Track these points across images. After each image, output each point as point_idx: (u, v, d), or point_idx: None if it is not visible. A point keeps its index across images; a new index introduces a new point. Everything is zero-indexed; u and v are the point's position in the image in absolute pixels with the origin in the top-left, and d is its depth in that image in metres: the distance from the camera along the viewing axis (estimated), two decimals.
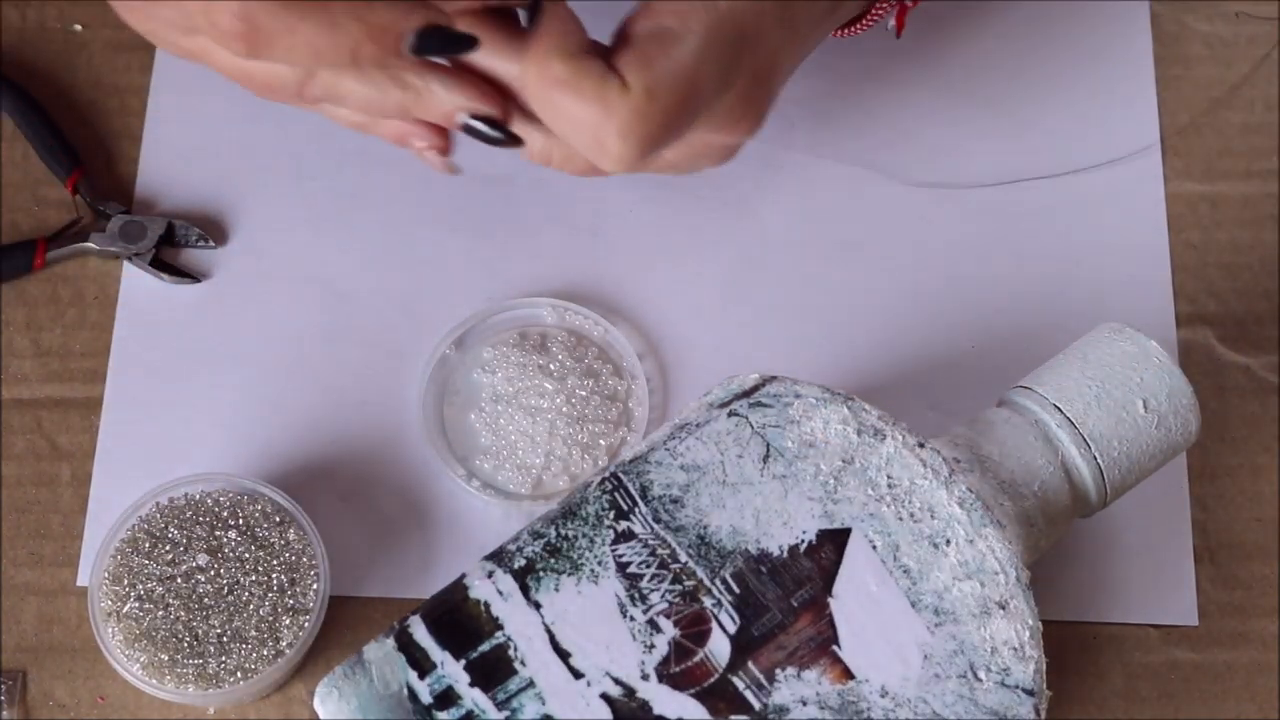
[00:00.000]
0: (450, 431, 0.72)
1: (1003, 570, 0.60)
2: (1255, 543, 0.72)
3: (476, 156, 0.77)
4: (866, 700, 0.58)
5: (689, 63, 0.60)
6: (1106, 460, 0.63)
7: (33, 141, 0.75)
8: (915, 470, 0.61)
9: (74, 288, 0.74)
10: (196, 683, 0.65)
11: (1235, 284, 0.76)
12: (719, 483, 0.61)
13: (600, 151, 0.60)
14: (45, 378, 0.73)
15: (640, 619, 0.59)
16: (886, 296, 0.75)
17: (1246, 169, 0.78)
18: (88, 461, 0.71)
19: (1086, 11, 0.81)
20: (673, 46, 0.60)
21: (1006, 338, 0.74)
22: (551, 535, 0.60)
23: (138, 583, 0.66)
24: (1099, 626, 0.70)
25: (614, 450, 0.72)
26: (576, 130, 0.60)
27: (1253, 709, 0.69)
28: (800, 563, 0.60)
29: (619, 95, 0.59)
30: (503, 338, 0.73)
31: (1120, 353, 0.64)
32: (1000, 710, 0.58)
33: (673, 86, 0.60)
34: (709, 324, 0.74)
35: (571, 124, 0.60)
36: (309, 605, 0.67)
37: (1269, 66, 0.80)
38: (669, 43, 0.60)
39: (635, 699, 0.58)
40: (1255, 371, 0.75)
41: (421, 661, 0.59)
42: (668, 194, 0.77)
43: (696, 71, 0.61)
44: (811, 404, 0.62)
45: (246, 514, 0.68)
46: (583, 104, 0.59)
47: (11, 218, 0.75)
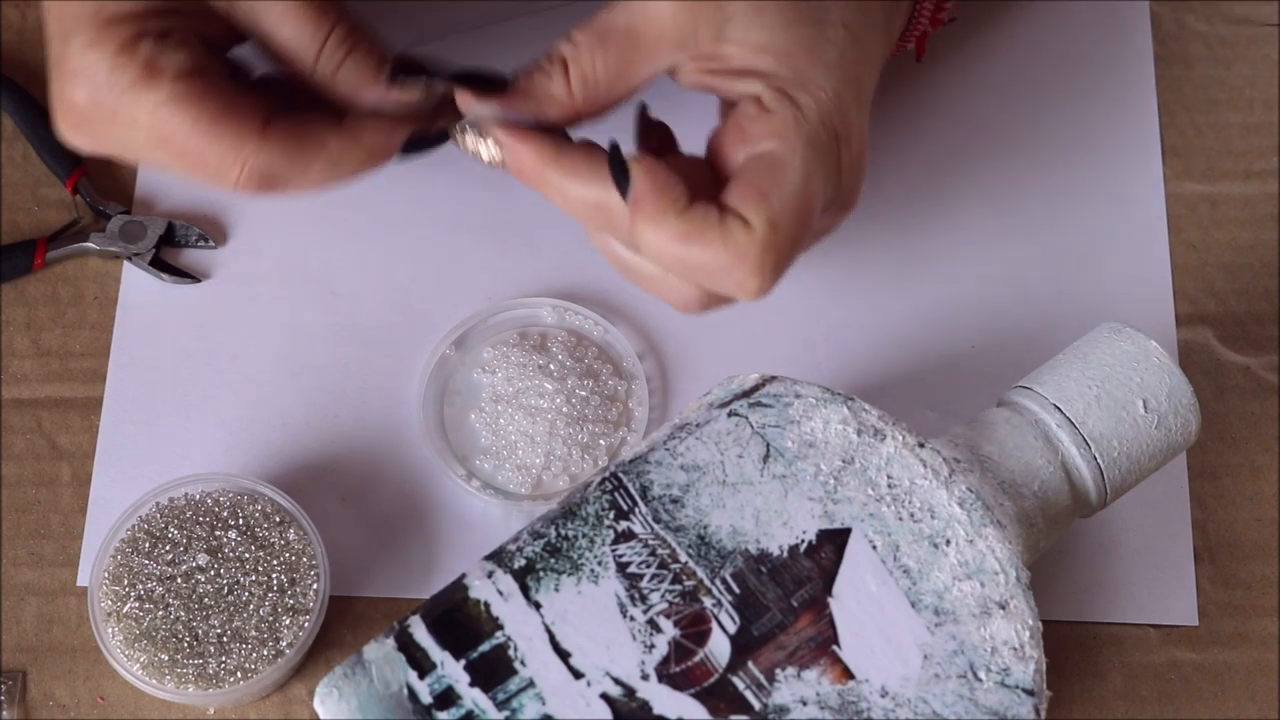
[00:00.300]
0: (450, 431, 0.72)
1: (1003, 570, 0.60)
2: (1255, 543, 0.72)
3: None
4: (866, 700, 0.58)
5: (801, 184, 0.60)
6: (1106, 460, 0.64)
7: (33, 142, 0.75)
8: (915, 470, 0.61)
9: (74, 288, 0.74)
10: (196, 683, 0.65)
11: (1235, 284, 0.76)
12: (719, 483, 0.61)
13: (738, 289, 0.60)
14: (45, 378, 0.73)
15: (640, 619, 0.59)
16: (887, 296, 0.75)
17: (1246, 169, 0.78)
18: (88, 461, 0.71)
19: (1086, 11, 0.81)
20: (782, 173, 0.60)
21: (1006, 338, 0.74)
22: (551, 535, 0.60)
23: (138, 583, 0.66)
24: (1099, 626, 0.70)
25: (614, 450, 0.72)
26: (709, 276, 0.60)
27: (1253, 709, 0.69)
28: (800, 563, 0.60)
29: (745, 236, 0.59)
30: (503, 338, 0.73)
31: (1120, 353, 0.64)
32: (1000, 710, 0.58)
33: (794, 212, 0.60)
34: (709, 324, 0.74)
35: (704, 272, 0.60)
36: (309, 605, 0.67)
37: (1269, 66, 0.80)
38: (777, 169, 0.60)
39: (635, 699, 0.58)
40: (1255, 371, 0.75)
41: (421, 661, 0.59)
42: None
43: (809, 189, 0.60)
44: (811, 404, 0.62)
45: (246, 514, 0.68)
46: (711, 252, 0.59)
47: (11, 218, 0.75)
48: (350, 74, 0.64)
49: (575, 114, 0.62)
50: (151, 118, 0.61)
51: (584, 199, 0.61)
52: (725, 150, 0.62)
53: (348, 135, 0.63)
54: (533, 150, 0.61)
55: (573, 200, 0.62)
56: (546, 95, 0.62)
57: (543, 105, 0.62)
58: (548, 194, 0.62)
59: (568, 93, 0.62)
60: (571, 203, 0.62)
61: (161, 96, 0.61)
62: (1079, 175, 0.77)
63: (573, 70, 0.62)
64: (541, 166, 0.61)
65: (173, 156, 0.62)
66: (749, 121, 0.61)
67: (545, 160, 0.61)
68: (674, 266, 0.60)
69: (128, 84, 0.61)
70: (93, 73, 0.62)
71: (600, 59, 0.61)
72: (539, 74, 0.62)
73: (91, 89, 0.62)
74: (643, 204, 0.59)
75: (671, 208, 0.59)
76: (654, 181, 0.59)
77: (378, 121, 0.64)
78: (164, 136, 0.62)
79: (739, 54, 0.61)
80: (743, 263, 0.59)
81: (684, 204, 0.59)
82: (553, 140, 0.62)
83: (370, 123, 0.64)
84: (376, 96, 0.64)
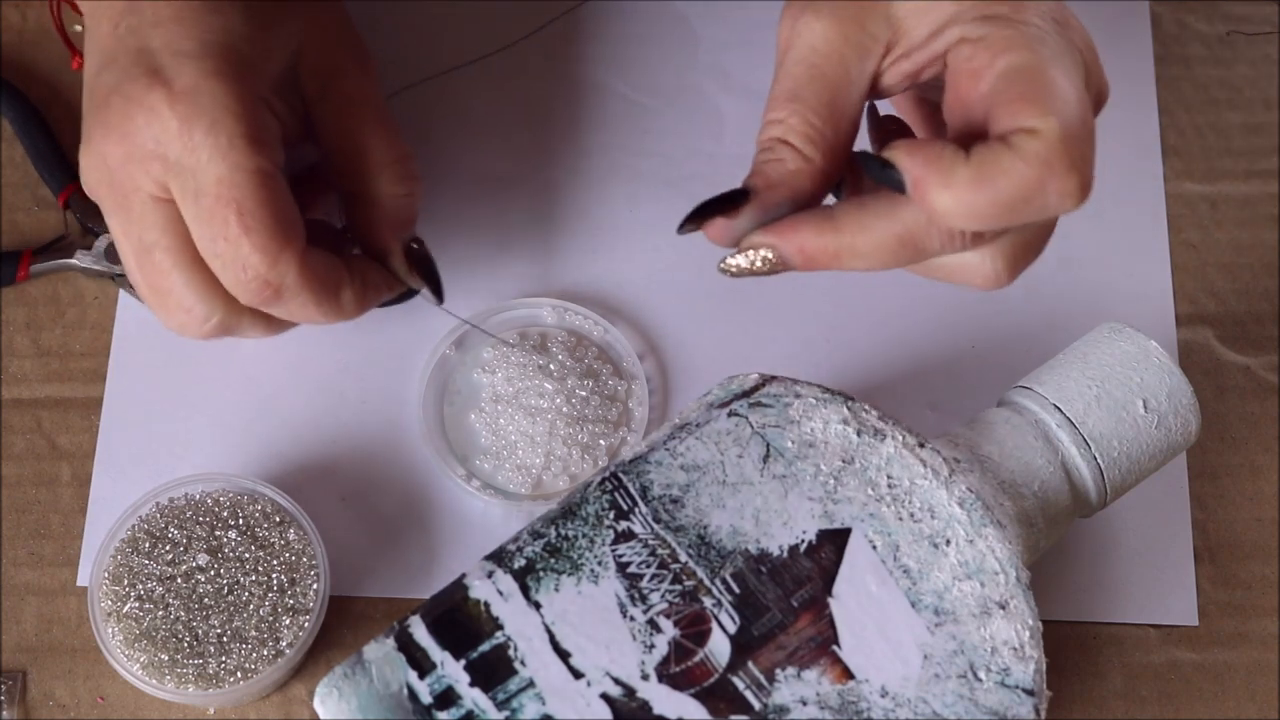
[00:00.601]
0: (450, 431, 0.72)
1: (1003, 570, 0.60)
2: (1255, 543, 0.72)
3: (475, 156, 0.77)
4: (866, 700, 0.58)
5: (1056, 74, 0.57)
6: (1106, 460, 0.64)
7: (30, 152, 0.75)
8: (915, 470, 0.61)
9: (74, 287, 0.74)
10: (196, 683, 0.65)
11: (1235, 284, 0.76)
12: (719, 483, 0.61)
13: (1061, 197, 0.56)
14: (45, 378, 0.73)
15: (640, 619, 0.59)
16: (887, 296, 0.75)
17: (1246, 169, 0.78)
18: (88, 461, 0.71)
19: (1086, 11, 0.80)
20: (1032, 73, 0.57)
21: (1006, 338, 0.74)
22: (551, 535, 0.60)
23: (138, 583, 0.66)
24: (1099, 626, 0.70)
25: (614, 450, 0.72)
26: (1028, 203, 0.56)
27: (1253, 709, 0.69)
28: (800, 563, 0.60)
29: (1038, 143, 0.55)
30: (503, 337, 0.73)
31: (1120, 353, 0.64)
32: (1000, 710, 0.58)
33: (1066, 100, 0.57)
34: (709, 324, 0.74)
35: (1020, 201, 0.56)
36: (309, 605, 0.67)
37: (1269, 66, 0.80)
38: (1025, 74, 0.57)
39: (635, 699, 0.58)
40: (1255, 371, 0.75)
41: (421, 661, 0.59)
42: (668, 194, 0.77)
43: (1065, 75, 0.57)
44: (811, 404, 0.62)
45: (246, 514, 0.68)
46: (1016, 175, 0.56)
47: (11, 218, 0.75)
48: (397, 206, 0.66)
49: (823, 175, 0.59)
50: (231, 175, 0.62)
51: (883, 243, 0.58)
52: (967, 104, 0.58)
53: (358, 289, 0.66)
54: (811, 230, 0.59)
55: (873, 251, 0.59)
56: (789, 174, 0.59)
57: (792, 184, 0.59)
58: (842, 262, 0.59)
59: (804, 159, 0.59)
60: (873, 255, 0.59)
61: (252, 164, 0.62)
62: None
63: (794, 139, 0.59)
64: (823, 238, 0.59)
65: (215, 219, 0.62)
66: (967, 62, 0.58)
67: (824, 231, 0.59)
68: (991, 215, 0.56)
69: (234, 132, 0.61)
70: (205, 103, 0.61)
71: (809, 113, 0.59)
72: (768, 165, 0.59)
73: (191, 115, 0.61)
74: (925, 180, 0.56)
75: (952, 162, 0.56)
76: (922, 154, 0.56)
77: (380, 276, 0.67)
78: (226, 196, 0.62)
79: (917, 20, 0.59)
80: (1051, 168, 0.55)
81: (963, 155, 0.56)
82: (819, 211, 0.59)
83: (374, 276, 0.67)
84: (396, 248, 0.67)
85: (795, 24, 0.60)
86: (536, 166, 0.77)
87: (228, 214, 0.62)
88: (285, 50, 0.65)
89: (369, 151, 0.66)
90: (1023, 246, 0.60)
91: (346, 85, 0.66)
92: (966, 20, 0.58)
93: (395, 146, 0.67)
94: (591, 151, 0.77)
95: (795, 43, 0.60)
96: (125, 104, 0.62)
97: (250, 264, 0.62)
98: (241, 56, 0.63)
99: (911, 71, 0.60)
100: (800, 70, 0.59)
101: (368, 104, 0.67)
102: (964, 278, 0.61)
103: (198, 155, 0.61)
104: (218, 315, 0.64)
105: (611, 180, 0.77)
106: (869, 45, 0.60)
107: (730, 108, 0.78)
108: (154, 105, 0.62)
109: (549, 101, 0.78)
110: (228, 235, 0.62)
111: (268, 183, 0.62)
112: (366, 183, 0.66)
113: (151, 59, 0.62)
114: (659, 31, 0.80)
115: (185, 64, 0.62)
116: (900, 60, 0.60)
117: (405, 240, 0.67)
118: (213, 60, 0.62)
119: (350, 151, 0.66)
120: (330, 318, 0.65)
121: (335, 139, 0.67)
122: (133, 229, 0.64)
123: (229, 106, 0.62)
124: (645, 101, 0.78)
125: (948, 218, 0.57)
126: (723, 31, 0.79)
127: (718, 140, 0.78)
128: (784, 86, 0.60)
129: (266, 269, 0.62)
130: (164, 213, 0.63)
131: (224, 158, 0.61)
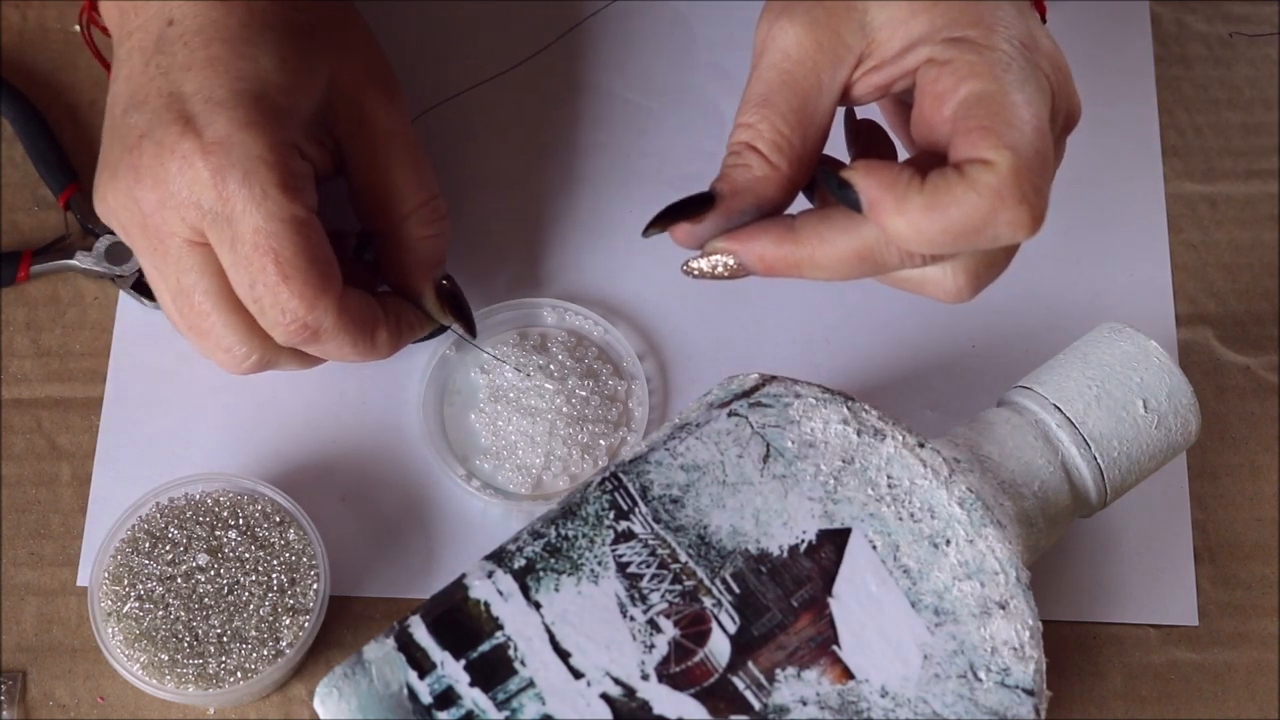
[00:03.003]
0: (450, 432, 0.72)
1: (1003, 570, 0.60)
2: (1255, 543, 0.72)
3: (476, 157, 0.77)
4: (866, 700, 0.58)
5: (1017, 103, 0.57)
6: (1106, 460, 0.64)
7: (30, 153, 0.75)
8: (915, 470, 0.61)
9: (74, 287, 0.74)
10: (196, 683, 0.65)
11: (1235, 284, 0.76)
12: (719, 483, 0.61)
13: (1012, 228, 0.57)
14: (45, 378, 0.73)
15: (640, 619, 0.59)
16: (886, 297, 0.75)
17: (1246, 169, 0.78)
18: (88, 461, 0.71)
19: (1086, 11, 0.81)
20: (993, 103, 0.57)
21: (1006, 338, 0.74)
22: (551, 535, 0.60)
23: (138, 583, 0.66)
24: (1099, 626, 0.70)
25: (614, 450, 0.72)
26: (980, 232, 0.57)
27: (1253, 709, 0.69)
28: (800, 563, 0.60)
29: (991, 174, 0.56)
30: (503, 338, 0.73)
31: (1120, 353, 0.64)
32: (1000, 710, 0.58)
33: (1024, 131, 0.57)
34: (709, 324, 0.74)
35: (971, 230, 0.57)
36: (309, 605, 0.67)
37: (1269, 66, 0.80)
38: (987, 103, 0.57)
39: (635, 699, 0.58)
40: (1255, 371, 0.75)
41: (421, 661, 0.59)
42: (668, 194, 0.76)
43: (1026, 105, 0.57)
44: (811, 404, 0.62)
45: (246, 514, 0.68)
46: (967, 205, 0.56)
47: (11, 218, 0.75)
48: (427, 248, 0.67)
49: (789, 182, 0.60)
50: (267, 224, 0.62)
51: (842, 256, 0.59)
52: (931, 126, 0.59)
53: (393, 328, 0.67)
54: (771, 239, 0.59)
55: (832, 263, 0.59)
56: (755, 180, 0.60)
57: (758, 191, 0.60)
58: (802, 272, 0.60)
59: (771, 166, 0.60)
60: (832, 267, 0.59)
61: (287, 213, 0.62)
62: (1079, 175, 0.77)
63: (762, 145, 0.60)
64: (783, 249, 0.59)
65: (253, 267, 0.62)
66: (933, 84, 0.59)
67: (784, 241, 0.59)
68: (942, 241, 0.57)
69: (268, 182, 0.62)
70: (237, 154, 0.62)
71: (778, 119, 0.60)
72: (736, 169, 0.60)
73: (224, 165, 0.62)
74: (880, 202, 0.57)
75: (908, 189, 0.57)
76: (879, 177, 0.57)
77: (414, 315, 0.68)
78: (264, 245, 0.62)
79: (891, 33, 0.60)
80: (1003, 200, 0.56)
81: (918, 181, 0.57)
82: (781, 220, 0.60)
83: (408, 315, 0.68)
84: (428, 288, 0.68)
85: (771, 28, 0.60)
86: (536, 167, 0.77)
87: (265, 262, 0.62)
88: (315, 91, 0.66)
89: (399, 194, 0.67)
90: (985, 264, 0.61)
91: (375, 123, 0.67)
92: (936, 41, 0.59)
93: (424, 188, 0.68)
94: (591, 151, 0.77)
95: (770, 46, 0.60)
96: (158, 150, 0.63)
97: (289, 309, 0.63)
98: (273, 104, 0.63)
99: (882, 84, 0.61)
100: (773, 75, 0.60)
101: (396, 140, 0.67)
102: (926, 290, 0.61)
103: (232, 205, 0.62)
104: (256, 354, 0.66)
105: (611, 180, 0.77)
106: (842, 54, 0.60)
107: (729, 108, 0.78)
108: (187, 154, 0.62)
109: (548, 102, 0.78)
110: (266, 282, 0.63)
111: (303, 229, 0.63)
112: (396, 226, 0.67)
113: (183, 105, 0.63)
114: (659, 32, 0.80)
115: (217, 113, 0.62)
116: (872, 72, 0.60)
117: (436, 278, 0.68)
118: (244, 110, 0.62)
119: (380, 192, 0.67)
120: (365, 357, 0.67)
121: (365, 178, 0.67)
122: (169, 271, 0.65)
123: (262, 156, 0.62)
124: (644, 102, 0.78)
125: (901, 241, 0.58)
126: (722, 31, 0.79)
127: (717, 140, 0.77)
128: (756, 90, 0.60)
129: (305, 313, 0.63)
130: (201, 256, 0.64)
131: (259, 207, 0.62)
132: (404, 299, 0.69)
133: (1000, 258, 0.61)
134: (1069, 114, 0.61)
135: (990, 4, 0.59)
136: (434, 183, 0.68)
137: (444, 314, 0.69)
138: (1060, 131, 0.61)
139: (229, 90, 0.63)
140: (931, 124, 0.59)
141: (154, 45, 0.65)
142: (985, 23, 0.59)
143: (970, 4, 0.59)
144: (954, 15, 0.59)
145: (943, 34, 0.59)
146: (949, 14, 0.59)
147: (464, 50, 0.79)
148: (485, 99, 0.78)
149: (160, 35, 0.65)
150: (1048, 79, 0.59)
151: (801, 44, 0.60)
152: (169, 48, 0.64)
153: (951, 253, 0.59)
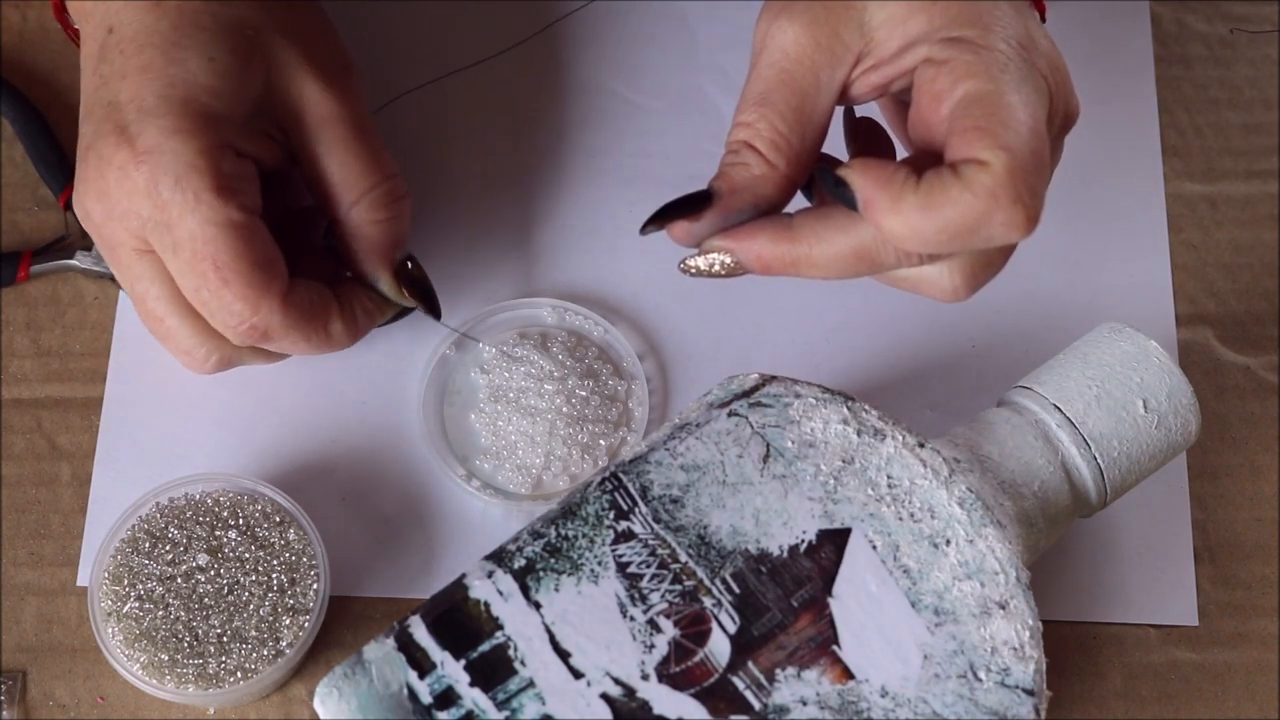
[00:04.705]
0: (450, 431, 0.72)
1: (1003, 570, 0.60)
2: (1255, 543, 0.72)
3: (475, 157, 0.77)
4: (866, 700, 0.58)
5: (1013, 103, 0.57)
6: (1106, 460, 0.64)
7: (30, 152, 0.75)
8: (915, 470, 0.61)
9: (74, 288, 0.74)
10: (196, 683, 0.65)
11: (1235, 284, 0.76)
12: (719, 483, 0.61)
13: (1007, 229, 0.57)
14: (45, 378, 0.73)
15: (640, 619, 0.59)
16: (886, 297, 0.75)
17: (1246, 169, 0.78)
18: (88, 461, 0.71)
19: (1086, 11, 0.81)
20: (989, 103, 0.57)
21: (1006, 338, 0.74)
22: (551, 535, 0.60)
23: (138, 583, 0.66)
24: (1099, 626, 0.70)
25: (614, 450, 0.72)
26: (975, 233, 0.57)
27: (1253, 709, 0.69)
28: (800, 563, 0.60)
29: (986, 175, 0.56)
30: (503, 338, 0.73)
31: (1120, 353, 0.64)
32: (1000, 710, 0.58)
33: (1020, 131, 0.57)
34: (709, 324, 0.74)
35: (967, 230, 0.57)
36: (309, 605, 0.67)
37: (1269, 66, 0.80)
38: (983, 103, 0.57)
39: (635, 699, 0.58)
40: (1255, 371, 0.75)
41: (421, 661, 0.59)
42: (668, 194, 0.76)
43: (1023, 105, 0.58)
44: (811, 404, 0.62)
45: (246, 514, 0.68)
46: (962, 205, 0.56)
47: (12, 218, 0.75)
48: (379, 232, 0.67)
49: (787, 180, 0.60)
50: (202, 230, 0.62)
51: (838, 255, 0.59)
52: (928, 125, 0.59)
53: (348, 318, 0.67)
54: (767, 237, 0.60)
55: (829, 262, 0.59)
56: (753, 179, 0.60)
57: (755, 189, 0.60)
58: (799, 271, 0.60)
59: (769, 165, 0.60)
60: (829, 266, 0.60)
61: (222, 217, 0.62)
62: (1079, 175, 0.77)
63: (760, 144, 0.60)
64: (780, 247, 0.59)
65: (194, 272, 0.63)
66: (930, 84, 0.59)
67: (781, 240, 0.59)
68: (937, 241, 0.57)
69: (200, 187, 0.62)
70: (167, 161, 0.62)
71: (776, 118, 0.60)
72: (734, 168, 0.60)
73: (156, 174, 0.62)
74: (875, 201, 0.57)
75: (903, 188, 0.57)
76: (874, 176, 0.57)
77: (372, 301, 0.68)
78: (201, 251, 0.62)
79: (889, 33, 0.60)
80: (997, 201, 0.56)
81: (914, 180, 0.57)
82: (779, 218, 0.60)
83: (365, 302, 0.68)
84: (382, 273, 0.68)
85: (770, 27, 0.60)
86: (536, 167, 0.77)
87: (204, 267, 0.63)
88: (252, 87, 0.65)
89: (344, 180, 0.66)
90: (982, 264, 0.61)
91: (313, 109, 0.66)
92: (934, 40, 0.59)
93: (373, 170, 0.67)
94: (591, 152, 0.77)
95: (768, 45, 0.60)
96: (99, 162, 0.63)
97: (234, 311, 0.63)
98: (202, 107, 0.63)
99: (880, 84, 0.61)
100: (771, 74, 0.60)
101: (338, 126, 0.66)
102: (923, 290, 0.62)
103: (168, 213, 0.62)
104: (216, 355, 0.66)
105: (611, 180, 0.77)
106: (840, 53, 0.60)
107: (729, 108, 0.77)
108: (122, 165, 0.63)
109: (548, 102, 0.78)
110: (209, 287, 0.63)
111: (240, 232, 0.63)
112: (346, 212, 0.67)
113: (119, 115, 0.63)
114: (658, 32, 0.80)
115: (147, 122, 0.63)
116: (870, 71, 0.60)
117: (398, 260, 0.68)
118: (172, 117, 0.62)
119: (325, 180, 0.67)
120: (322, 349, 0.67)
121: (309, 167, 0.67)
122: (125, 279, 0.66)
123: (191, 162, 0.62)
124: (644, 102, 0.78)
125: (896, 240, 0.58)
126: (722, 31, 0.79)
127: (717, 140, 0.77)
128: (754, 89, 0.60)
129: (250, 314, 0.64)
130: (149, 264, 0.65)
131: (193, 214, 0.62)
132: (361, 285, 0.68)
133: (997, 257, 0.61)
134: (1067, 114, 0.61)
135: (989, 4, 0.60)
136: (388, 165, 0.67)
137: (402, 297, 0.68)
138: (1058, 132, 0.61)
139: (157, 97, 0.63)
140: (929, 123, 0.59)
141: (98, 53, 0.65)
142: (983, 23, 0.59)
143: (968, 4, 0.59)
144: (952, 15, 0.59)
145: (941, 33, 0.59)
146: (947, 14, 0.59)
147: (464, 50, 0.79)
148: (485, 99, 0.78)
149: (103, 43, 0.65)
150: (1045, 79, 0.59)
151: (800, 43, 0.60)
152: (109, 55, 0.64)
153: (947, 252, 0.59)
